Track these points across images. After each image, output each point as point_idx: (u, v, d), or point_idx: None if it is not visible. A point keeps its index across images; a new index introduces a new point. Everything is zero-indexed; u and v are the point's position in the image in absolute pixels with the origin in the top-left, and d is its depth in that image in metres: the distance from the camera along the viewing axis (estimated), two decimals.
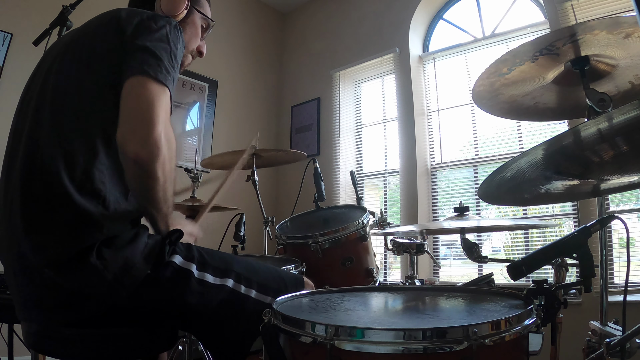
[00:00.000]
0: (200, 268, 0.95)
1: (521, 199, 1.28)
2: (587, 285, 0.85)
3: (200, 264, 0.95)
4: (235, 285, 0.97)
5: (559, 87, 1.35)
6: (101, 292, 0.85)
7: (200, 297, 0.93)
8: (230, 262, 1.01)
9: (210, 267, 0.96)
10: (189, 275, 0.93)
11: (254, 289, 0.98)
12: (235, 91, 4.25)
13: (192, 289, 0.93)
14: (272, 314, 0.79)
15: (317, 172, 2.08)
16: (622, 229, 1.28)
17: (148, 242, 0.92)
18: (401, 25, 3.70)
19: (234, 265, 1.00)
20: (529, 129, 3.07)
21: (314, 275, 1.51)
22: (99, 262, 0.84)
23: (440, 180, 3.50)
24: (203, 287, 0.94)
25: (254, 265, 1.06)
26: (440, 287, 1.14)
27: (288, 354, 0.77)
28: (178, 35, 0.98)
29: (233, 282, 0.97)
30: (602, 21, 1.09)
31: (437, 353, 0.65)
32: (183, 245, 0.97)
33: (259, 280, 0.99)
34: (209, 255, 0.99)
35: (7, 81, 2.74)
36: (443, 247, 3.44)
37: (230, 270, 0.98)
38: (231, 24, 4.22)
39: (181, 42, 0.99)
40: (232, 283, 0.97)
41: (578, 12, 2.78)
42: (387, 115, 3.86)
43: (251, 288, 0.98)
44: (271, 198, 4.20)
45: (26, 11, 2.88)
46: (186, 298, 0.92)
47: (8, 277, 0.93)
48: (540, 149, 0.86)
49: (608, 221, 0.96)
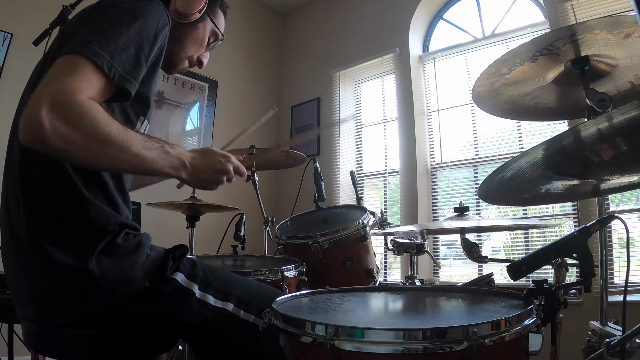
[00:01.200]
0: (203, 288, 0.94)
1: (521, 199, 1.27)
2: (587, 285, 0.85)
3: (203, 284, 0.95)
4: (234, 309, 0.96)
5: (559, 87, 1.35)
6: (95, 298, 0.84)
7: (199, 316, 0.93)
8: (233, 284, 1.00)
9: (213, 288, 0.95)
10: (190, 295, 0.92)
11: (253, 314, 0.97)
12: (235, 91, 4.25)
13: (191, 309, 0.92)
14: (272, 314, 0.79)
15: (317, 172, 2.08)
16: (622, 229, 1.28)
17: (150, 254, 0.91)
18: (401, 25, 3.70)
19: (235, 288, 0.99)
20: (529, 129, 3.07)
21: (314, 275, 1.51)
22: (97, 269, 0.83)
23: (440, 180, 3.50)
24: (203, 307, 0.93)
25: (254, 287, 1.05)
26: (440, 287, 1.14)
27: (288, 354, 0.77)
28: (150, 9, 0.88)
29: (233, 306, 0.96)
30: (602, 21, 1.09)
31: (437, 353, 0.65)
32: (188, 263, 0.96)
33: (259, 304, 0.98)
34: (213, 275, 0.98)
35: (7, 81, 2.74)
36: (443, 247, 3.44)
37: (231, 293, 0.97)
38: (231, 24, 4.18)
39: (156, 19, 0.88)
40: (232, 307, 0.96)
41: (578, 12, 2.78)
42: (387, 115, 3.86)
43: (250, 313, 0.97)
44: (271, 198, 4.20)
45: (26, 11, 2.88)
46: (184, 316, 0.92)
47: (8, 277, 0.93)
48: (540, 149, 0.86)
49: (608, 221, 0.96)
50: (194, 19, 1.07)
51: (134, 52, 0.83)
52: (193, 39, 1.11)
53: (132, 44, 0.83)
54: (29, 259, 0.85)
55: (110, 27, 0.82)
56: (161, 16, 0.90)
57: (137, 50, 0.84)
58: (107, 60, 0.78)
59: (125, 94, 0.84)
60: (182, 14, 1.05)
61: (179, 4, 1.04)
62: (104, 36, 0.80)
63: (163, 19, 0.91)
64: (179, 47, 1.09)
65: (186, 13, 1.05)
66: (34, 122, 0.71)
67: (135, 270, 0.87)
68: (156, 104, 3.61)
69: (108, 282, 0.84)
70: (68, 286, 0.84)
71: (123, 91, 0.83)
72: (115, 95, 0.84)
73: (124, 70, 0.81)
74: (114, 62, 0.79)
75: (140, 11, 0.86)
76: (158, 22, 0.89)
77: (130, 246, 0.89)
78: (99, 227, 0.86)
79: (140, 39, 0.85)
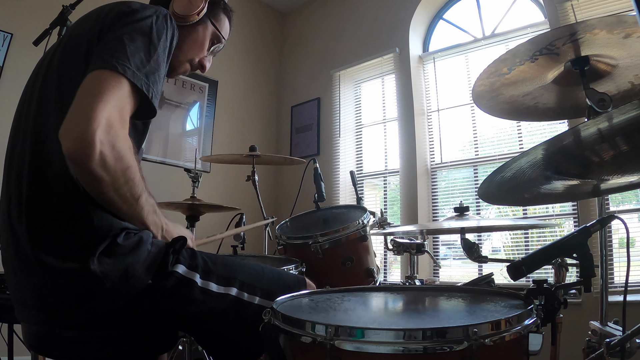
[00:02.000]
0: (204, 277, 0.94)
1: (521, 199, 1.27)
2: (587, 285, 0.85)
3: (204, 273, 0.94)
4: (238, 293, 0.96)
5: (559, 87, 1.35)
6: (98, 298, 0.84)
7: (203, 305, 0.93)
8: (235, 269, 0.99)
9: (215, 276, 0.95)
10: (192, 284, 0.92)
11: (257, 296, 0.97)
12: (235, 91, 4.25)
13: (194, 298, 0.92)
14: (272, 314, 0.79)
15: (317, 172, 2.08)
16: (622, 229, 1.28)
17: (151, 250, 0.91)
18: (401, 25, 3.70)
19: (238, 273, 0.98)
20: (529, 129, 3.07)
21: (314, 276, 1.51)
22: (99, 270, 0.83)
23: (440, 180, 3.50)
24: (206, 295, 0.93)
25: (257, 270, 1.05)
26: (440, 287, 1.14)
27: (288, 354, 0.77)
28: (165, 26, 0.92)
29: (237, 290, 0.96)
30: (602, 20, 1.09)
31: (437, 353, 0.65)
32: (187, 253, 0.96)
33: (262, 287, 0.98)
34: (213, 262, 0.98)
35: (7, 81, 2.74)
36: (443, 247, 3.44)
37: (234, 278, 0.97)
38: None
39: (170, 33, 0.94)
40: (236, 291, 0.96)
41: (578, 12, 2.78)
42: (387, 115, 3.86)
43: (255, 295, 0.97)
44: (271, 198, 4.20)
45: (26, 11, 2.88)
46: (188, 307, 0.92)
47: (8, 278, 0.92)
48: (540, 149, 0.86)
49: (608, 221, 0.96)
50: (192, 21, 1.08)
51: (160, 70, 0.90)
52: (192, 41, 1.11)
53: (160, 63, 0.90)
54: (29, 261, 0.85)
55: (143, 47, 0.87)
56: (172, 28, 0.95)
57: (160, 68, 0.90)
58: (145, 81, 0.84)
59: (153, 112, 0.90)
60: (180, 16, 1.05)
61: (177, 6, 1.05)
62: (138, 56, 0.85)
63: (172, 30, 0.96)
64: (178, 50, 1.07)
65: (184, 15, 1.06)
66: (85, 140, 0.75)
67: (137, 267, 0.87)
68: None
69: (110, 282, 0.83)
70: (70, 289, 0.83)
71: (152, 110, 0.89)
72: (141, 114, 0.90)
73: (156, 89, 0.88)
74: (150, 83, 0.86)
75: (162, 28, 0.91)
76: (172, 37, 0.95)
77: (131, 244, 0.89)
78: (101, 231, 0.86)
79: (163, 58, 0.91)
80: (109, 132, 0.77)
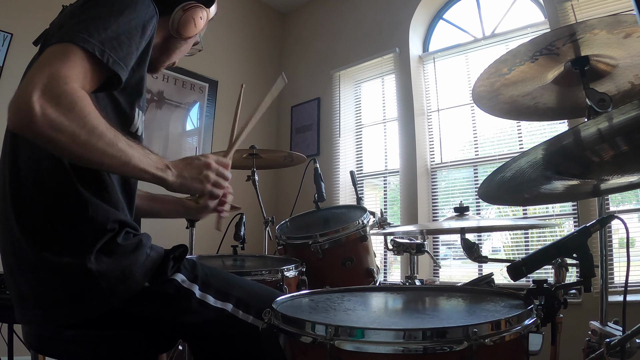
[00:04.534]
0: (203, 289, 0.95)
1: (521, 199, 1.27)
2: (587, 286, 0.85)
3: (203, 285, 0.95)
4: (233, 310, 0.97)
5: (559, 87, 1.35)
6: (93, 297, 0.84)
7: (199, 316, 0.93)
8: (232, 284, 1.01)
9: (213, 289, 0.96)
10: (191, 295, 0.93)
11: (251, 315, 0.98)
12: (235, 91, 4.23)
13: (192, 309, 0.93)
14: (272, 314, 0.79)
15: (317, 172, 2.08)
16: (622, 229, 1.28)
17: (150, 254, 0.91)
18: (401, 25, 3.70)
19: (235, 289, 0.99)
20: (529, 129, 3.07)
21: (314, 276, 1.51)
22: (96, 269, 0.83)
23: (440, 180, 3.50)
24: (203, 307, 0.94)
25: (254, 288, 1.06)
26: (440, 287, 1.14)
27: (288, 354, 0.77)
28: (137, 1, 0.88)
29: (232, 306, 0.97)
30: (602, 20, 1.09)
31: (437, 353, 0.65)
32: (188, 264, 0.97)
33: (257, 305, 0.98)
34: (213, 276, 0.99)
35: (7, 81, 2.74)
36: (443, 247, 3.44)
37: (231, 294, 0.98)
38: (231, 24, 4.22)
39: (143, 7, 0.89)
40: (232, 308, 0.97)
41: (578, 12, 2.78)
42: (387, 115, 3.86)
43: (249, 314, 0.98)
44: (271, 198, 4.20)
45: (26, 11, 2.88)
46: (184, 316, 0.92)
47: (7, 277, 0.92)
48: (540, 149, 0.86)
49: (608, 221, 0.96)
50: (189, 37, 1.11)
51: (124, 39, 0.84)
52: (181, 51, 1.15)
53: (122, 33, 0.83)
54: (27, 258, 0.85)
55: (99, 17, 0.82)
56: (148, 7, 0.91)
57: (127, 38, 0.84)
58: (99, 47, 0.78)
59: (117, 80, 0.83)
60: (182, 34, 1.08)
61: (182, 27, 1.07)
62: (93, 25, 0.80)
63: (150, 10, 0.91)
64: (166, 56, 1.13)
65: (186, 36, 1.09)
66: (23, 107, 0.70)
67: (135, 270, 0.87)
68: (156, 103, 3.61)
69: (107, 281, 0.84)
70: (66, 286, 0.84)
71: (114, 78, 0.83)
72: (106, 84, 0.84)
73: (117, 56, 0.81)
74: (105, 48, 0.79)
75: (127, 3, 0.87)
76: (146, 12, 0.90)
77: (130, 246, 0.89)
78: (98, 225, 0.86)
79: (130, 28, 0.85)
80: (49, 91, 0.71)
